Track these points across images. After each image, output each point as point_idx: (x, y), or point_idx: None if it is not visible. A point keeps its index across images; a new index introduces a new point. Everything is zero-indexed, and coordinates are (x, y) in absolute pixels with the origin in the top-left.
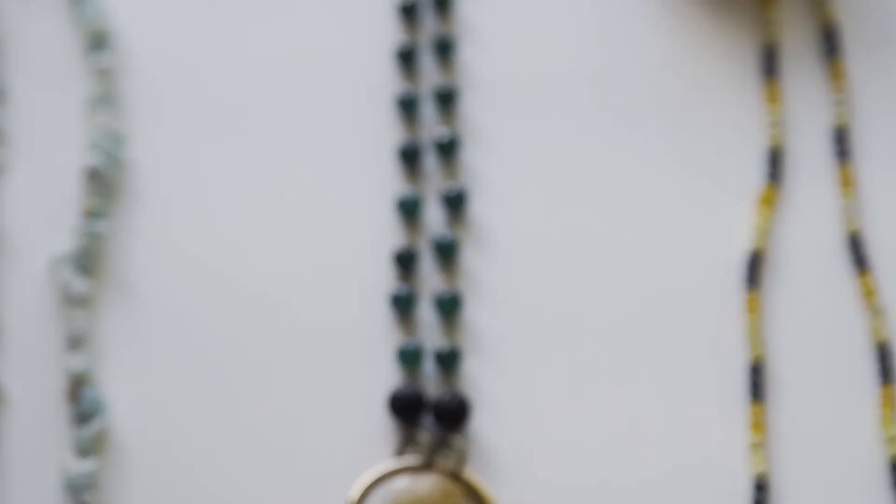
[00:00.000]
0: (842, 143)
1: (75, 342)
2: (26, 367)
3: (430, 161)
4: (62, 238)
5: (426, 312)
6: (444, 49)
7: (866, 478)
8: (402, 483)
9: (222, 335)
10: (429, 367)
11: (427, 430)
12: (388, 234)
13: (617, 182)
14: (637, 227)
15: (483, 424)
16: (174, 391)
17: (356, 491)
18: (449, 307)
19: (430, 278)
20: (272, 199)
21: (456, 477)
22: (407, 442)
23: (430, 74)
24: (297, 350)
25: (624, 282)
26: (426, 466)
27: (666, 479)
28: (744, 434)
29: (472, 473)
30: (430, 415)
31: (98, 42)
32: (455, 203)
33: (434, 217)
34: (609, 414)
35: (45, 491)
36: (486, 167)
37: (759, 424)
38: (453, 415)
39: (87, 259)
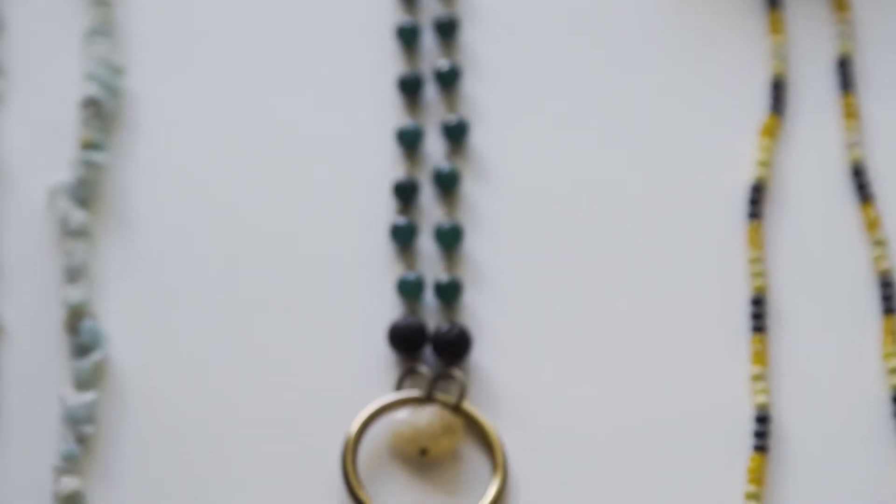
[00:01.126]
0: (845, 74)
1: (74, 274)
2: (25, 299)
3: (431, 92)
4: (60, 170)
5: (427, 244)
6: None
7: (868, 409)
8: (403, 415)
9: (222, 267)
10: (429, 300)
11: (427, 363)
12: (389, 166)
13: (619, 113)
14: (639, 158)
15: (483, 357)
16: (173, 323)
17: (356, 423)
18: (449, 239)
19: (430, 210)
20: (272, 131)
21: (456, 409)
22: (407, 374)
23: (430, 5)
24: (296, 282)
25: (625, 214)
26: (426, 399)
27: (667, 410)
28: (746, 366)
29: (473, 406)
30: (431, 347)
31: None
32: (455, 134)
33: (434, 148)
34: (610, 346)
35: (43, 422)
36: (487, 98)
37: (760, 356)
38: (454, 347)
39: (86, 190)
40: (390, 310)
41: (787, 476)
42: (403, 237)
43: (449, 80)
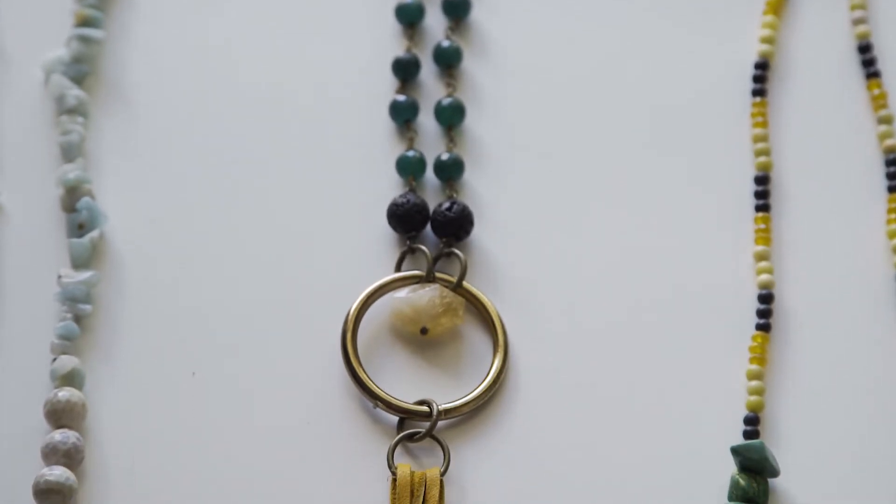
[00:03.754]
0: None
1: (71, 152)
2: (22, 177)
3: None
4: (56, 47)
5: (427, 122)
6: None
7: (873, 288)
8: (403, 294)
9: (220, 144)
10: (430, 178)
11: (428, 242)
12: (389, 43)
13: None
14: (643, 36)
15: (484, 236)
16: (171, 201)
17: (356, 303)
18: (450, 117)
19: (430, 87)
20: (272, 7)
21: (457, 288)
22: (407, 254)
23: None
24: (296, 162)
25: (629, 92)
26: (427, 278)
27: (669, 289)
28: (749, 245)
29: (473, 285)
30: (431, 226)
31: None
32: (456, 10)
33: (435, 25)
34: (612, 224)
35: (40, 301)
36: None
37: (764, 235)
38: (454, 226)
39: (82, 67)
40: (390, 189)
41: (790, 355)
42: (403, 115)
43: None
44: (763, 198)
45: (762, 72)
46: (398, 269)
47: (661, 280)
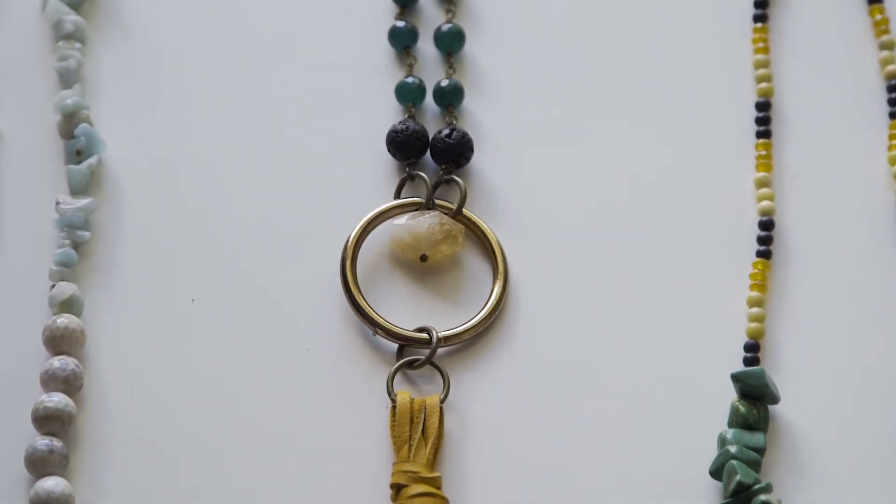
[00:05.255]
0: None
1: (69, 78)
2: (20, 104)
3: None
4: None
5: (427, 49)
6: None
7: (874, 215)
8: (402, 222)
9: (218, 69)
10: (429, 105)
11: (427, 169)
12: None
13: None
14: None
15: (484, 162)
16: (169, 127)
17: (355, 230)
18: (450, 43)
19: (430, 13)
20: None
21: (456, 215)
22: (407, 181)
23: None
24: (294, 88)
25: (630, 16)
26: (426, 205)
27: (670, 215)
28: (750, 171)
29: (473, 212)
30: (431, 153)
31: None
32: None
33: None
34: (612, 151)
35: (39, 228)
36: None
37: (765, 161)
38: (454, 153)
39: None
40: (390, 115)
41: (791, 282)
42: (403, 41)
43: None
44: (764, 124)
45: None
46: (397, 196)
47: (661, 207)
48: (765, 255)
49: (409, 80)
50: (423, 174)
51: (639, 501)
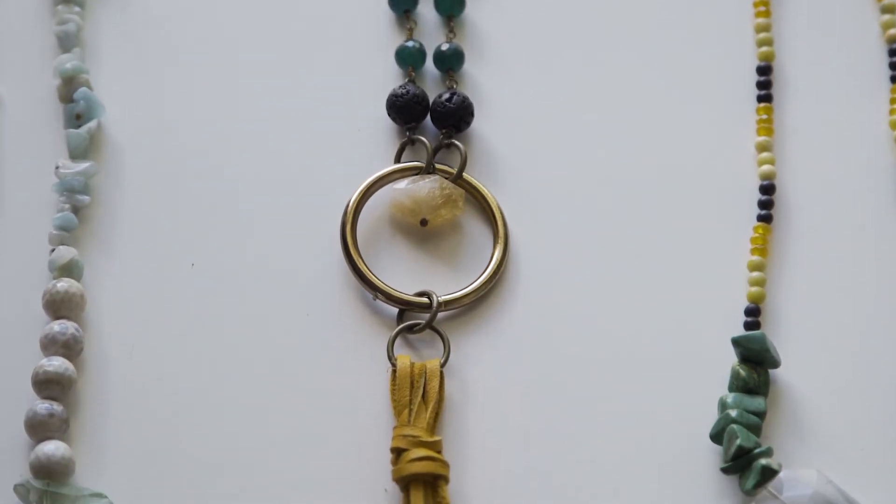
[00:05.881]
0: None
1: (68, 42)
2: (19, 67)
3: None
4: None
5: (427, 12)
6: None
7: (875, 178)
8: (402, 186)
9: (218, 34)
10: (430, 69)
11: (428, 133)
12: None
13: None
14: None
15: (485, 127)
16: (169, 90)
17: (355, 194)
18: (450, 6)
19: None
20: None
21: (457, 180)
22: (407, 145)
23: None
24: (296, 50)
25: None
26: (426, 169)
27: (671, 179)
28: (751, 136)
29: (473, 176)
30: (431, 117)
31: None
32: None
33: None
34: (613, 115)
35: (38, 192)
36: None
37: (766, 125)
38: (455, 117)
39: None
40: (390, 79)
41: (792, 246)
42: (403, 5)
43: None
44: (765, 88)
45: None
46: (398, 160)
47: (662, 171)
48: (766, 219)
49: (410, 44)
50: (423, 138)
51: (639, 465)
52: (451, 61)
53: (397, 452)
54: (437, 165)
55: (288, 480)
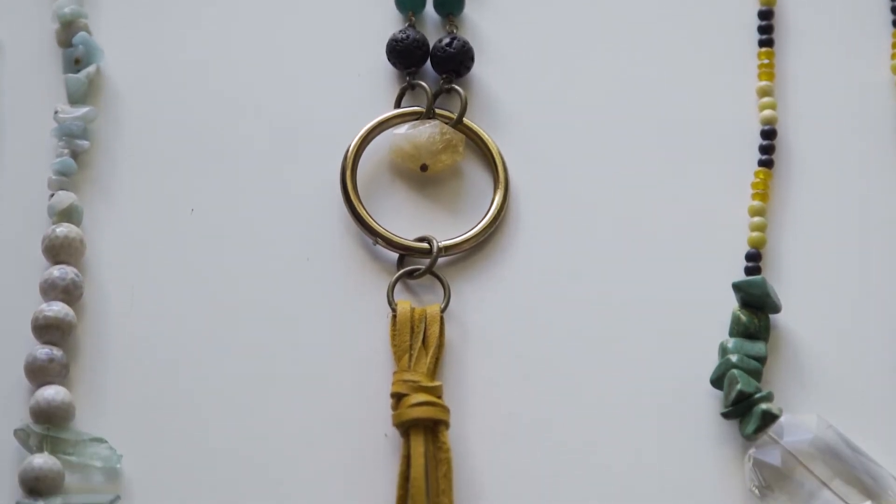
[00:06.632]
0: None
1: None
2: (18, 12)
3: None
4: None
5: None
6: None
7: (876, 123)
8: (403, 131)
9: None
10: (430, 13)
11: (428, 78)
12: None
13: None
14: None
15: (485, 71)
16: (168, 35)
17: (355, 139)
18: None
19: None
20: None
21: (457, 125)
22: (407, 90)
23: None
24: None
25: None
26: (426, 114)
27: (671, 126)
28: (752, 81)
29: (474, 121)
30: (431, 62)
31: None
32: None
33: None
34: (614, 60)
35: (38, 137)
36: None
37: (768, 70)
38: (455, 61)
39: None
40: (390, 24)
41: (792, 191)
42: None
43: None
44: (766, 32)
45: None
46: (398, 105)
47: (663, 116)
48: (767, 164)
49: None
50: (423, 83)
51: (640, 410)
52: (451, 6)
53: (397, 398)
54: (438, 110)
55: (287, 426)
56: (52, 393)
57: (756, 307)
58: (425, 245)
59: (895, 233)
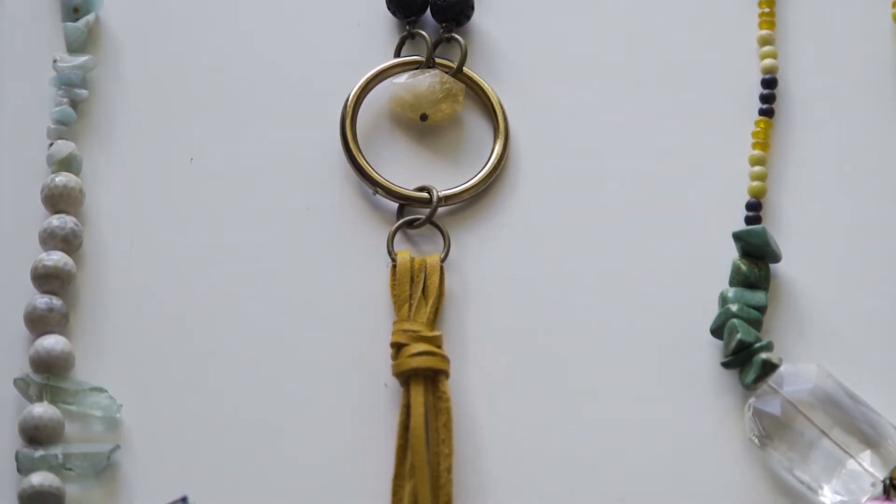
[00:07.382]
0: None
1: None
2: None
3: None
4: None
5: None
6: None
7: (877, 73)
8: (402, 80)
9: None
10: None
11: (428, 27)
12: None
13: None
14: None
15: (485, 21)
16: None
17: (355, 88)
18: None
19: None
20: None
21: (457, 74)
22: (407, 39)
23: None
24: None
25: None
26: (426, 63)
27: (671, 75)
28: (753, 30)
29: (474, 70)
30: (431, 11)
31: None
32: None
33: None
34: (615, 11)
35: (36, 86)
36: None
37: (769, 19)
38: (455, 11)
39: None
40: None
41: (793, 140)
42: None
43: None
44: None
45: None
46: (397, 54)
47: (663, 64)
48: (767, 113)
49: None
50: (423, 32)
51: (639, 359)
52: None
53: (397, 347)
54: (437, 60)
55: (287, 375)
56: (51, 342)
57: (756, 257)
58: (425, 195)
59: (895, 182)
